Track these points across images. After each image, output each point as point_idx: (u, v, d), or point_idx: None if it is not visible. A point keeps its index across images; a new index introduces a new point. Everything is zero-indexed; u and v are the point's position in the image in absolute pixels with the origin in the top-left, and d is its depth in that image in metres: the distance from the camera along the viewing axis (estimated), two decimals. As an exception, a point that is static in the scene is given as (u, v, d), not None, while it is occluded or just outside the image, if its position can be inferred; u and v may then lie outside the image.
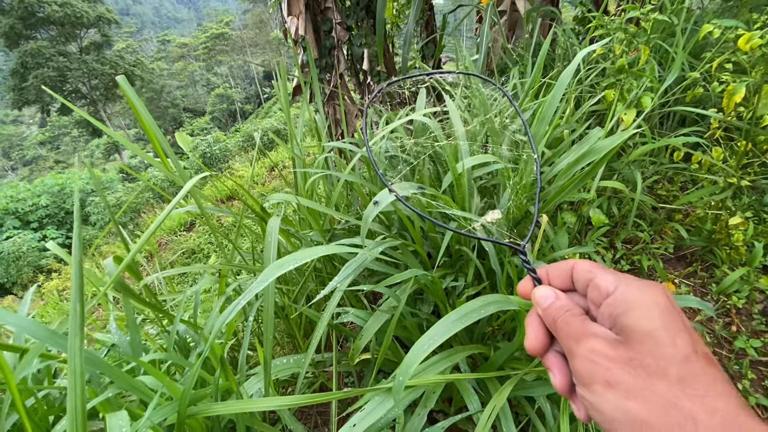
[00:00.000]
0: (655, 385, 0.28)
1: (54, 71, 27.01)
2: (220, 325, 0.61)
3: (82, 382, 0.48)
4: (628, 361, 0.29)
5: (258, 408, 0.62)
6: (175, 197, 0.99)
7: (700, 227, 1.86)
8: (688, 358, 0.28)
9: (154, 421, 0.60)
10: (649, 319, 0.30)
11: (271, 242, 0.82)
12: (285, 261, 0.63)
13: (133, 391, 0.67)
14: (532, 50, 2.87)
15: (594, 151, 0.98)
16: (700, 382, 0.27)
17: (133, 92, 1.11)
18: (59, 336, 0.62)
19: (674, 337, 0.29)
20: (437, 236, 1.19)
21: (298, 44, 4.77)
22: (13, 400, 0.67)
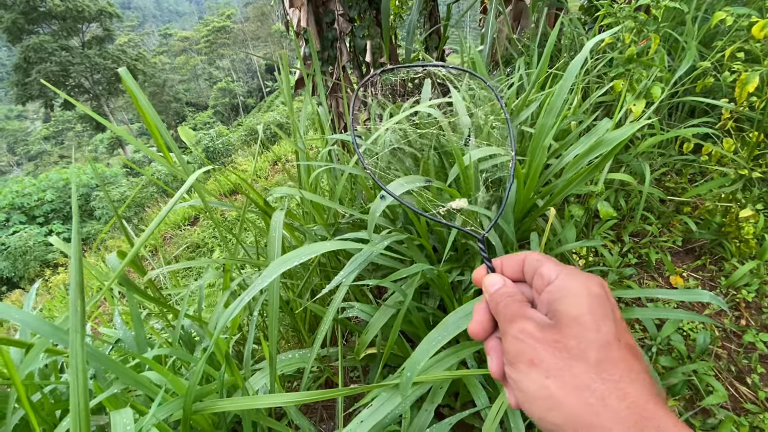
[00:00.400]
0: (574, 367, 0.29)
1: (56, 66, 27.01)
2: (224, 321, 0.60)
3: (85, 380, 0.48)
4: (554, 342, 0.31)
5: (263, 405, 0.62)
6: (178, 191, 0.98)
7: (709, 220, 1.83)
8: (609, 344, 0.29)
9: (159, 417, 0.59)
10: (578, 306, 0.31)
11: (275, 237, 0.81)
12: (290, 257, 0.62)
13: (138, 387, 0.66)
14: (538, 41, 2.82)
15: (604, 142, 0.96)
16: (617, 368, 0.29)
17: (135, 84, 1.09)
18: (63, 332, 0.62)
19: (599, 324, 0.30)
20: (443, 230, 1.17)
21: (300, 36, 4.72)
22: (19, 396, 0.67)
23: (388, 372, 1.26)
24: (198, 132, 23.62)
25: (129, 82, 1.09)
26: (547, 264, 0.37)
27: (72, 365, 0.47)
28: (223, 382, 0.71)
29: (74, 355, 0.48)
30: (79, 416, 0.48)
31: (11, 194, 14.69)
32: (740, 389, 1.42)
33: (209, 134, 15.66)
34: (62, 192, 15.09)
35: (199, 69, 49.79)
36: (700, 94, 2.03)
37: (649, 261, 1.81)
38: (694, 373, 1.43)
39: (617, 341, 0.30)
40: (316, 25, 4.65)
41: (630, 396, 0.27)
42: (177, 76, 47.26)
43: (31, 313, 0.62)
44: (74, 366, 0.48)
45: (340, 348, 1.03)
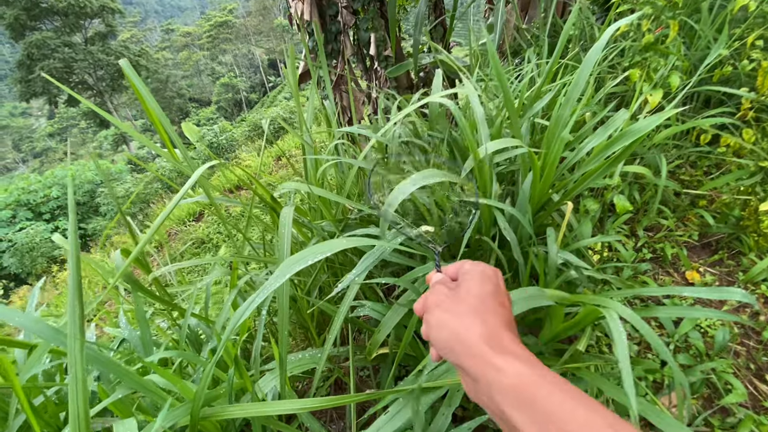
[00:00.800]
0: (460, 305, 0.45)
1: (60, 62, 27.04)
2: (234, 324, 0.57)
3: (85, 389, 0.45)
4: (453, 294, 0.47)
5: (274, 411, 0.59)
6: (183, 187, 0.94)
7: (726, 213, 1.78)
8: (485, 296, 0.46)
9: (166, 425, 0.57)
10: (471, 275, 0.49)
11: (284, 234, 0.77)
12: (302, 256, 0.58)
13: (143, 391, 0.63)
14: (547, 30, 2.75)
15: (627, 134, 0.91)
16: (486, 309, 0.44)
17: (138, 78, 1.06)
18: (64, 335, 0.59)
19: (482, 285, 0.47)
20: (456, 225, 1.13)
21: (303, 30, 4.66)
22: (20, 401, 0.64)
23: (400, 371, 1.23)
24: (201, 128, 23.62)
25: (130, 74, 1.06)
26: (467, 263, 0.52)
27: (71, 373, 0.44)
28: (232, 386, 0.68)
29: (73, 363, 0.45)
30: (79, 425, 0.45)
31: (17, 191, 14.78)
32: (760, 387, 1.38)
33: (213, 130, 15.62)
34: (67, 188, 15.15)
35: (202, 64, 49.70)
36: (718, 83, 1.97)
37: (665, 256, 1.76)
38: (713, 371, 1.39)
39: (492, 297, 0.46)
40: (320, 18, 4.59)
41: (489, 322, 0.43)
42: (180, 72, 47.21)
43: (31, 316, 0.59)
44: (74, 374, 0.45)
45: (351, 348, 1.00)
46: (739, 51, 2.03)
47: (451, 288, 0.49)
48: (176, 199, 0.90)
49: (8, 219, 14.01)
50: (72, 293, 0.45)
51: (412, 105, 1.02)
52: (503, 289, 0.49)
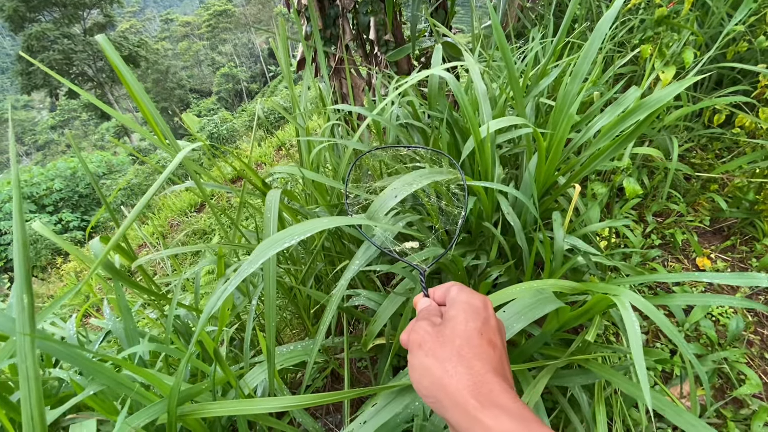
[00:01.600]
0: (444, 348, 0.41)
1: (59, 54, 26.86)
2: (208, 313, 0.51)
3: (38, 388, 0.40)
4: (436, 333, 0.43)
5: (258, 410, 0.54)
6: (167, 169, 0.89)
7: (740, 197, 1.71)
8: (471, 336, 0.41)
9: (140, 423, 0.52)
10: (457, 310, 0.44)
11: (270, 217, 0.72)
12: (281, 236, 0.53)
13: (118, 388, 0.59)
14: (552, 10, 2.64)
15: (643, 106, 0.84)
16: (472, 351, 0.40)
17: (117, 54, 0.99)
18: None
19: (468, 321, 0.42)
20: (454, 211, 1.08)
21: (301, 14, 4.55)
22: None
23: (398, 362, 1.18)
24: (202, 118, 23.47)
25: (109, 51, 0.99)
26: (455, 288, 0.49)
27: (22, 374, 0.39)
28: (215, 380, 0.63)
29: (23, 360, 0.40)
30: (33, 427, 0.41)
31: (21, 183, 14.79)
32: (774, 377, 1.33)
33: (213, 120, 15.51)
34: (70, 181, 15.15)
35: (202, 54, 49.26)
36: (732, 61, 1.87)
37: (675, 242, 1.69)
38: (725, 360, 1.33)
39: (479, 335, 0.41)
40: (318, 2, 4.47)
41: (475, 368, 0.38)
42: (180, 63, 46.85)
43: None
44: (24, 374, 0.40)
45: (346, 338, 0.95)
46: (754, 27, 1.93)
47: (435, 324, 0.44)
48: (160, 179, 0.85)
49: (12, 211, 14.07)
50: (19, 283, 0.40)
51: (411, 79, 0.95)
52: (493, 324, 0.44)
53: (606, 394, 1.11)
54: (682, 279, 0.76)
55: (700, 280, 0.91)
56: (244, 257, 1.30)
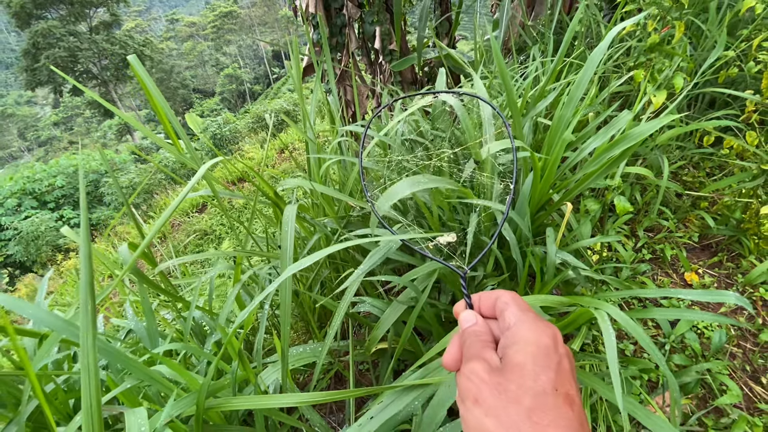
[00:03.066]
0: (510, 409, 0.32)
1: (65, 51, 27.03)
2: (238, 322, 0.59)
3: (97, 380, 0.47)
4: (497, 385, 0.34)
5: (276, 404, 0.61)
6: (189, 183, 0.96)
7: (727, 216, 1.78)
8: (545, 392, 0.32)
9: (173, 414, 0.59)
10: (524, 354, 0.35)
11: (288, 231, 0.79)
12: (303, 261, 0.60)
13: (151, 382, 0.66)
14: (553, 28, 2.74)
15: (628, 137, 0.92)
16: (547, 415, 0.31)
17: (145, 71, 1.07)
18: (75, 327, 0.61)
19: (538, 373, 0.33)
20: (455, 224, 1.15)
21: (308, 22, 4.65)
22: (33, 387, 0.67)
23: (399, 365, 1.25)
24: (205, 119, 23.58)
25: (137, 67, 1.07)
26: (511, 308, 0.40)
27: (84, 364, 0.47)
28: (236, 378, 0.70)
29: (86, 355, 0.47)
30: (91, 415, 0.48)
31: (22, 180, 14.87)
32: (755, 389, 1.40)
33: (216, 121, 15.63)
34: (72, 178, 15.24)
35: (206, 55, 49.53)
36: (723, 85, 1.96)
37: (664, 257, 1.77)
38: (708, 371, 1.40)
39: (554, 391, 0.33)
40: (325, 11, 4.57)
41: None
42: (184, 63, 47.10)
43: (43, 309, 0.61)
44: (86, 365, 0.47)
45: (351, 342, 1.02)
46: (746, 52, 2.02)
47: (493, 368, 0.35)
48: (181, 195, 0.92)
49: (14, 207, 14.13)
50: (84, 290, 0.47)
51: (417, 105, 1.03)
52: (567, 367, 0.35)
53: (592, 400, 1.18)
54: (660, 294, 0.83)
55: (677, 296, 0.98)
56: (254, 262, 1.37)
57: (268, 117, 2.97)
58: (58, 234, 12.66)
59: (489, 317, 0.42)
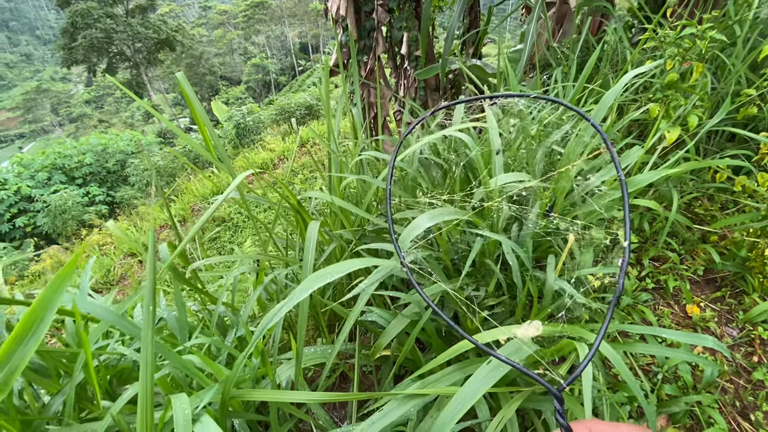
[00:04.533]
0: None
1: (101, 33, 27.89)
2: (264, 327, 0.69)
3: (152, 370, 0.57)
4: None
5: (291, 399, 0.71)
6: (222, 195, 1.07)
7: (734, 252, 1.81)
8: None
9: (205, 401, 0.70)
10: None
11: (310, 247, 0.89)
12: (324, 273, 0.69)
13: (185, 371, 0.77)
14: (578, 49, 2.77)
15: (630, 183, 0.99)
16: None
17: (190, 87, 1.18)
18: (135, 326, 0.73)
19: None
20: (463, 246, 1.23)
21: (337, 24, 4.76)
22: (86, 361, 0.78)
23: (399, 370, 1.35)
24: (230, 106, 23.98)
25: (184, 85, 1.19)
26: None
27: (143, 358, 0.57)
28: (256, 372, 0.81)
29: (145, 348, 0.58)
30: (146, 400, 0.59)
31: (54, 155, 15.49)
32: (743, 425, 1.44)
33: (241, 111, 15.95)
34: (100, 156, 15.79)
35: (235, 43, 50.32)
36: (742, 122, 1.98)
37: (667, 288, 1.81)
38: (698, 404, 1.45)
39: None
40: (355, 14, 4.66)
41: None
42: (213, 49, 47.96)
43: (111, 310, 0.73)
44: (144, 359, 0.58)
45: (357, 346, 1.12)
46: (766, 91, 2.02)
47: None
48: (213, 207, 1.03)
49: (44, 181, 14.74)
50: (148, 294, 0.58)
51: (433, 136, 1.11)
52: None
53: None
54: (642, 331, 0.90)
55: (659, 334, 1.04)
56: (273, 262, 1.48)
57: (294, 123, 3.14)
58: (84, 210, 13.16)
59: None
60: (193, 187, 10.30)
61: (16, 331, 0.47)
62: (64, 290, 0.49)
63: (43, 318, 0.48)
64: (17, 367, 0.46)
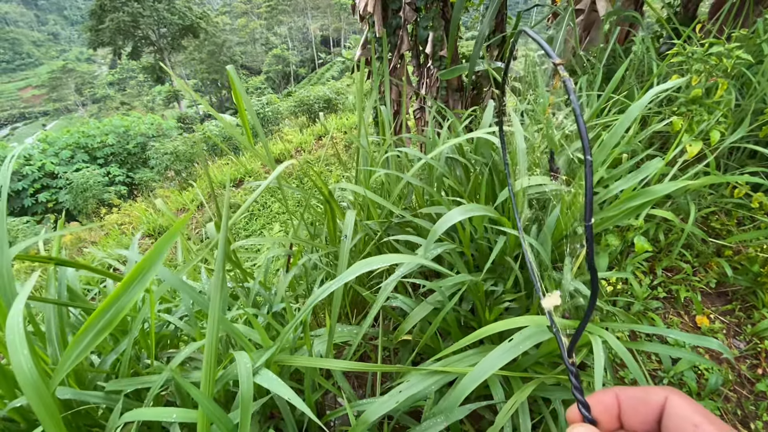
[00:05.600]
0: None
1: (128, 16, 28.41)
2: (311, 303, 0.77)
3: (216, 334, 0.66)
4: None
5: (325, 366, 0.80)
6: (265, 182, 1.16)
7: (747, 267, 1.84)
8: None
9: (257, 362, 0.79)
10: None
11: (347, 235, 0.97)
12: (370, 262, 0.77)
13: (235, 337, 0.86)
14: (605, 58, 2.79)
15: (647, 192, 1.05)
16: None
17: (240, 83, 1.28)
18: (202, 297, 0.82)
19: None
20: (483, 243, 1.30)
21: (364, 21, 4.83)
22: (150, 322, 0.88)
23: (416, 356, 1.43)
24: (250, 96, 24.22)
25: (234, 79, 1.28)
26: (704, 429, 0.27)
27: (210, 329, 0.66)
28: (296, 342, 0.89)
29: (212, 318, 0.67)
30: (211, 353, 0.68)
31: (77, 134, 15.94)
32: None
33: (260, 101, 16.18)
34: (122, 137, 16.20)
35: (257, 33, 50.71)
36: (764, 140, 2.00)
37: (678, 298, 1.85)
38: (701, 410, 1.50)
39: None
40: (382, 11, 4.73)
41: None
42: (235, 38, 48.43)
43: (185, 281, 0.82)
44: (212, 320, 0.67)
45: (381, 329, 1.20)
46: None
47: None
48: (256, 193, 1.12)
49: (67, 158, 15.19)
50: (218, 270, 0.67)
51: (461, 138, 1.18)
52: None
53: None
54: (652, 331, 0.97)
55: (669, 336, 1.10)
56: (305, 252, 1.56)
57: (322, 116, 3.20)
58: (104, 189, 13.53)
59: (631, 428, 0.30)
60: (212, 173, 10.51)
61: (126, 280, 0.56)
62: (165, 251, 0.58)
63: (150, 268, 0.57)
64: (123, 308, 0.56)
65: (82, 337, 0.58)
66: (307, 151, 10.68)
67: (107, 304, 0.57)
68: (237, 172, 10.05)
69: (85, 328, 0.57)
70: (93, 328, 0.56)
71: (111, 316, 0.57)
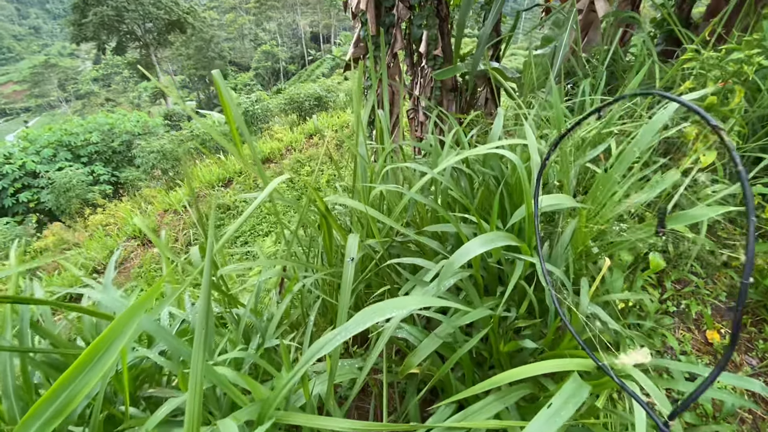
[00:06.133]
0: None
1: (112, 10, 27.68)
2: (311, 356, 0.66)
3: (200, 391, 0.55)
4: None
5: (326, 426, 0.69)
6: (260, 196, 1.04)
7: (758, 280, 1.78)
8: None
9: (242, 420, 0.68)
10: None
11: (349, 265, 0.87)
12: (382, 308, 0.67)
13: (220, 386, 0.75)
14: (606, 59, 2.72)
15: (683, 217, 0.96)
16: None
17: (225, 86, 1.15)
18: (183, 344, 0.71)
19: None
20: (494, 266, 1.21)
21: (356, 18, 4.70)
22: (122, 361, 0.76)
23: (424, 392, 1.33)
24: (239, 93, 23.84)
25: (220, 83, 1.15)
26: None
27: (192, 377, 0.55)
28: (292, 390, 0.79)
29: (194, 373, 0.55)
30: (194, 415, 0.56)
31: (60, 131, 15.45)
32: (761, 457, 1.43)
33: (250, 98, 15.87)
34: (106, 135, 15.75)
35: (246, 29, 49.98)
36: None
37: (689, 312, 1.79)
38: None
39: None
40: (375, 9, 4.60)
41: None
42: (224, 34, 47.66)
43: (167, 330, 0.70)
44: (193, 380, 0.55)
45: (385, 363, 1.10)
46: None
47: None
48: (251, 208, 1.00)
49: (49, 157, 14.72)
50: (200, 322, 0.55)
51: (472, 152, 1.08)
52: None
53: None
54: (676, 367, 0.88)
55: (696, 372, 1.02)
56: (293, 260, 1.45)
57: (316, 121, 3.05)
58: (88, 189, 13.15)
59: None
60: (200, 173, 10.26)
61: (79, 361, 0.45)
62: (129, 329, 0.47)
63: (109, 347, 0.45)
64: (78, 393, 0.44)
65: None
66: (298, 149, 10.49)
67: (58, 386, 0.45)
68: (226, 172, 9.83)
69: (24, 420, 0.45)
70: (38, 418, 0.45)
71: (61, 403, 0.45)
